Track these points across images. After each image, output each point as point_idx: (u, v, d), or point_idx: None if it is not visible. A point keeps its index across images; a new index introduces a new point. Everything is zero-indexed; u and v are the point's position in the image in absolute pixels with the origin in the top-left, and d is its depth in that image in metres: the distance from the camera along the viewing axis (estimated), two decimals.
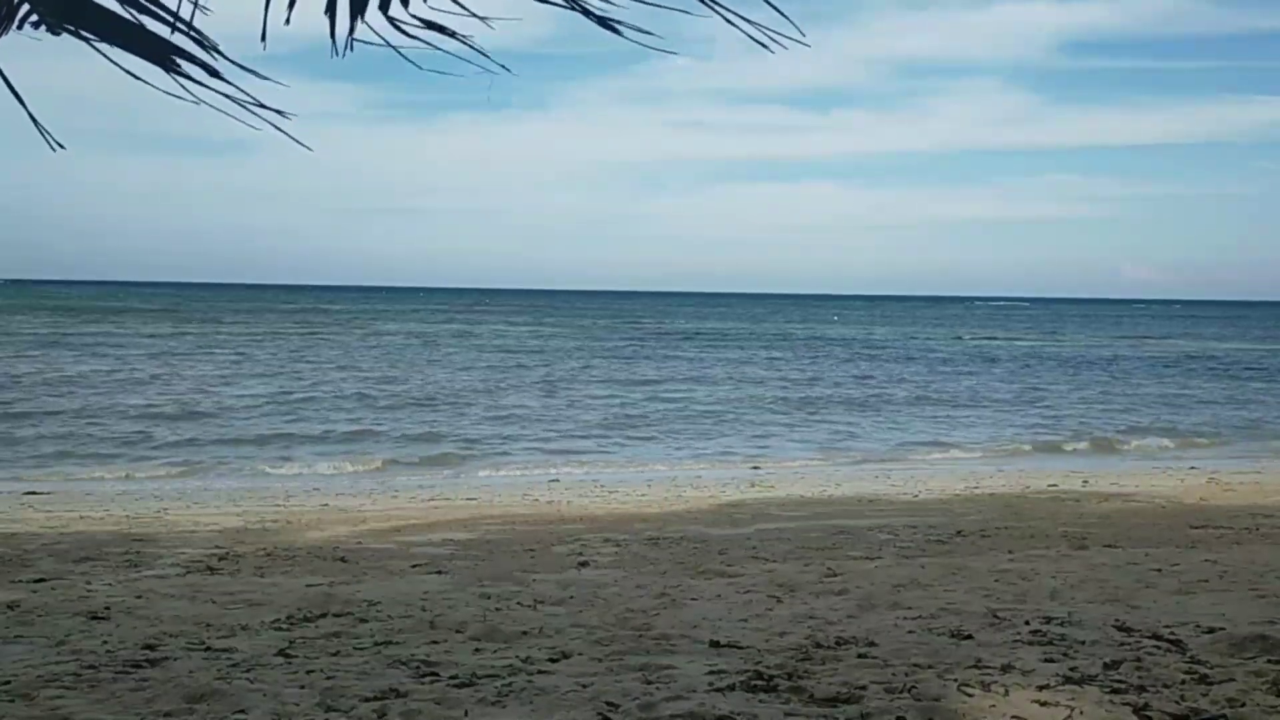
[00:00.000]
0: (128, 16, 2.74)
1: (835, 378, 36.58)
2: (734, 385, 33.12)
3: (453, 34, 2.73)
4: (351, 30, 2.76)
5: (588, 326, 73.85)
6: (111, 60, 2.76)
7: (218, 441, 20.03)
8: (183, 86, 2.79)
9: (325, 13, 2.76)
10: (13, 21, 2.73)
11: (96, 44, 2.75)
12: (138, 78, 2.78)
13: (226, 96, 2.78)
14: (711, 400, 28.79)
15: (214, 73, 2.79)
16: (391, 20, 2.74)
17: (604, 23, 2.70)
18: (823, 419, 25.35)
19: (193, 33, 2.76)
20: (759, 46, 2.69)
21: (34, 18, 2.74)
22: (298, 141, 2.93)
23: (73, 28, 2.74)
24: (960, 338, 65.72)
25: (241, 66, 2.79)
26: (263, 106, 2.80)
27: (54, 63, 2.82)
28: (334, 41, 2.77)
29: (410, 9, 2.75)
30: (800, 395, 30.41)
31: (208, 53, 2.79)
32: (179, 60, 2.78)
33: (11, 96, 2.77)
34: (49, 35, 2.74)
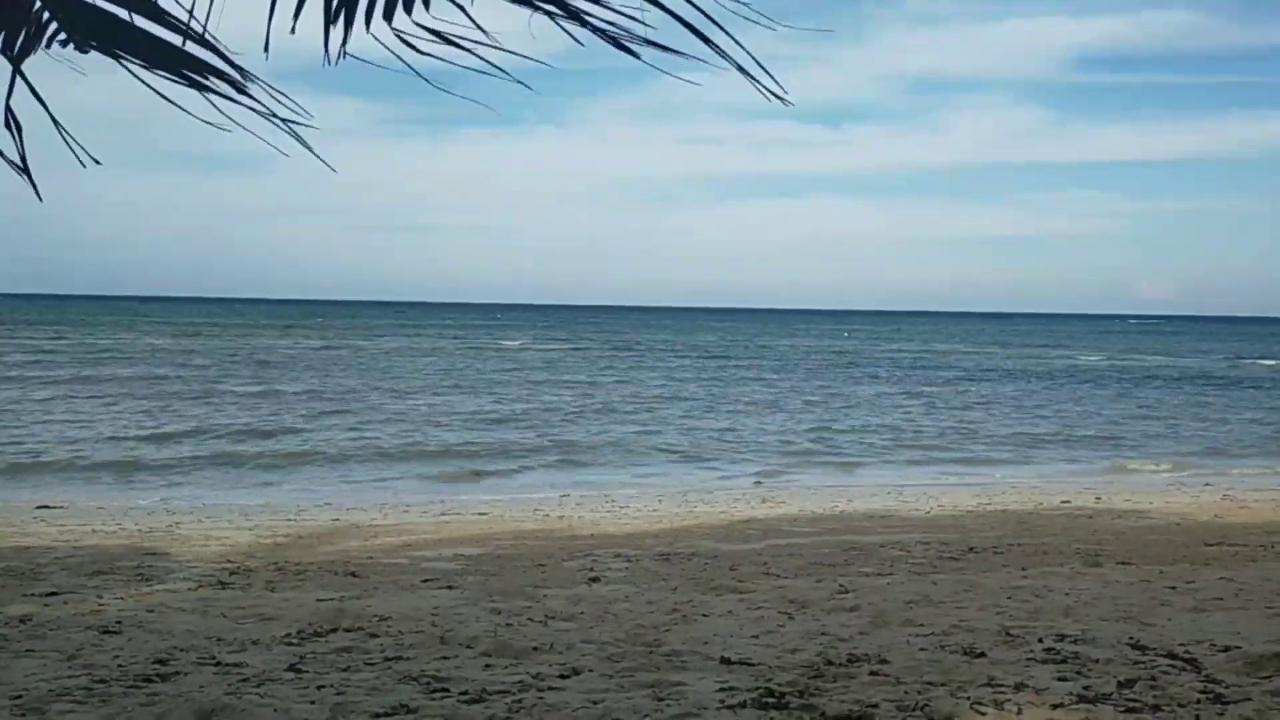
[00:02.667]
0: (156, 33, 2.75)
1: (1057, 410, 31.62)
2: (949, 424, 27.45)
3: (460, 45, 2.73)
4: (345, 40, 2.76)
5: (641, 346, 69.84)
6: (139, 79, 2.76)
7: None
8: (211, 104, 2.79)
9: (326, 20, 2.76)
10: (41, 39, 2.74)
11: (125, 61, 2.76)
12: (164, 97, 2.79)
13: (253, 111, 2.79)
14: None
15: (241, 89, 2.80)
16: (397, 32, 2.74)
17: (621, 46, 2.69)
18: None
19: (218, 46, 2.77)
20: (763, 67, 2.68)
21: (62, 36, 2.75)
22: (323, 160, 2.94)
23: (99, 45, 2.75)
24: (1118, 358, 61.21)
25: (270, 87, 2.79)
26: (290, 123, 2.80)
27: (71, 80, 2.81)
28: (326, 50, 2.77)
29: (414, 18, 2.74)
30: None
31: (235, 70, 2.80)
32: (207, 76, 2.79)
33: (34, 114, 2.78)
34: (77, 53, 2.75)
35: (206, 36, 2.73)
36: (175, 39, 2.75)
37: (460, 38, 2.72)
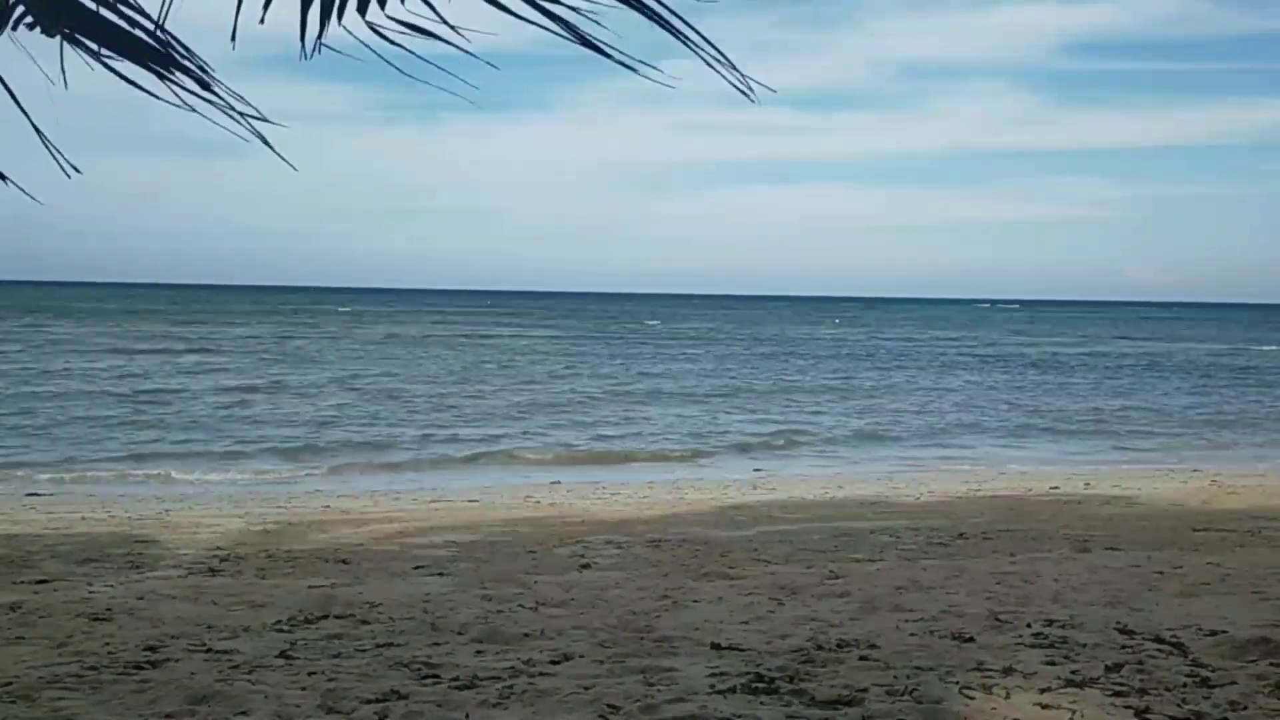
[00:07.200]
0: (119, 23, 2.74)
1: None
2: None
3: (435, 36, 2.72)
4: (321, 33, 2.77)
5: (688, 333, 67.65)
6: (106, 65, 2.76)
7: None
8: (175, 94, 2.80)
9: (301, 13, 2.76)
10: (6, 23, 2.73)
11: (91, 48, 2.75)
12: (131, 82, 2.79)
13: (216, 106, 2.80)
14: None
15: (205, 84, 2.80)
16: (371, 25, 2.73)
17: (588, 43, 2.68)
18: None
19: (179, 47, 2.77)
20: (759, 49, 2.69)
21: (29, 19, 2.74)
22: (283, 159, 2.97)
23: (68, 30, 2.74)
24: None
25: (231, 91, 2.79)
26: (253, 118, 2.82)
27: (44, 63, 2.79)
28: (303, 43, 2.78)
29: (388, 11, 2.74)
30: None
31: (196, 64, 2.80)
32: (173, 71, 2.79)
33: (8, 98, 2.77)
34: (44, 37, 2.74)
35: (168, 37, 2.74)
36: (142, 33, 2.75)
37: (431, 30, 2.72)
